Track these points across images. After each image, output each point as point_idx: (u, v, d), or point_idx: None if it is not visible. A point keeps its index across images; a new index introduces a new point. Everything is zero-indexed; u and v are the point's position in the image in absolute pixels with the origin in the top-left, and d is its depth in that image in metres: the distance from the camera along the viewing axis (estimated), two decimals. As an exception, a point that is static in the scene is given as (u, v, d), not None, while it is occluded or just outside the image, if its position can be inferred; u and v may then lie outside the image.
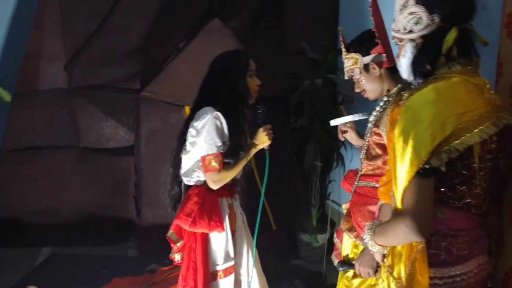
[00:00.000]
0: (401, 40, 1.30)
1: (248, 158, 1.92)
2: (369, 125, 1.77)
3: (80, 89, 3.63)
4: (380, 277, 1.36)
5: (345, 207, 1.93)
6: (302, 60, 3.39)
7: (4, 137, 3.48)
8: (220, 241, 1.92)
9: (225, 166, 1.85)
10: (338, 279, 1.89)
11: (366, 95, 1.78)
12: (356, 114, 1.89)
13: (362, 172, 1.80)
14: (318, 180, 3.37)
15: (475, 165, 1.18)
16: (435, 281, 1.21)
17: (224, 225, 1.92)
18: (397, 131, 1.19)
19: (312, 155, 3.16)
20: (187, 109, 3.33)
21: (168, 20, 3.62)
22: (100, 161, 3.60)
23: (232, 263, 1.95)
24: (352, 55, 1.73)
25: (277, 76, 3.32)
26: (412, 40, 1.27)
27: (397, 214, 1.20)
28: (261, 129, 1.90)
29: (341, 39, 1.82)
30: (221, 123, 1.85)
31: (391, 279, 1.27)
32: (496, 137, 1.21)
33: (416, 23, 1.25)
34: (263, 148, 1.96)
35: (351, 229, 1.81)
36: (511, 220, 1.31)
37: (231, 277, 1.95)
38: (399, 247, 1.25)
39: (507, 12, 1.35)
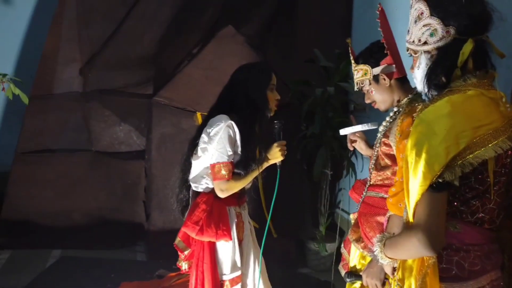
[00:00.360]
0: (415, 52, 1.29)
1: (259, 171, 1.91)
2: (379, 135, 1.77)
3: (94, 93, 3.67)
4: (390, 291, 1.35)
5: (353, 217, 1.92)
6: (313, 68, 3.39)
7: (19, 139, 3.53)
8: (227, 251, 1.91)
9: (234, 176, 1.85)
10: (346, 290, 1.87)
11: (376, 106, 1.77)
12: (366, 124, 1.89)
13: (371, 182, 1.79)
14: (328, 188, 3.35)
15: (489, 179, 1.16)
16: (447, 297, 1.19)
17: (232, 234, 1.90)
18: (410, 143, 1.18)
19: (322, 163, 3.15)
20: (199, 115, 3.36)
21: (181, 26, 3.66)
22: (111, 165, 3.63)
23: (239, 273, 1.94)
24: (362, 66, 1.73)
25: (288, 84, 3.32)
26: (427, 52, 1.26)
27: (409, 227, 1.19)
28: (275, 144, 1.90)
29: (350, 51, 1.82)
30: (234, 132, 1.85)
31: (401, 293, 1.25)
32: (511, 151, 1.19)
33: (431, 35, 1.24)
34: (274, 163, 1.95)
35: (358, 240, 1.80)
36: (526, 236, 1.28)
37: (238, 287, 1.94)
38: (410, 261, 1.24)
39: (524, 25, 1.33)
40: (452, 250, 1.20)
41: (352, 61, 1.77)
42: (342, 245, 2.02)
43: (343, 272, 1.93)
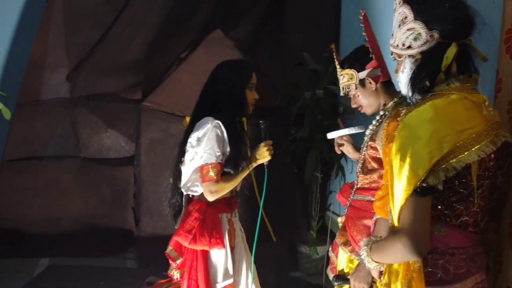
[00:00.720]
0: (400, 56, 1.30)
1: (248, 171, 1.90)
2: (366, 138, 1.77)
3: (82, 99, 3.64)
4: (377, 295, 1.34)
5: (340, 220, 1.93)
6: (303, 71, 3.40)
7: (6, 147, 3.49)
8: (219, 258, 1.89)
9: (223, 176, 1.83)
10: (334, 293, 1.87)
11: (363, 111, 1.78)
12: (353, 128, 1.89)
13: (358, 186, 1.79)
14: (318, 191, 3.36)
15: (472, 183, 1.17)
16: (433, 300, 1.19)
17: (225, 241, 1.89)
18: (394, 148, 1.18)
19: (312, 166, 3.15)
20: (188, 120, 3.35)
21: (170, 30, 3.64)
22: (100, 171, 3.60)
23: (231, 280, 1.92)
24: (347, 71, 1.74)
25: (277, 87, 3.32)
26: (411, 56, 1.26)
27: (394, 232, 1.19)
28: (262, 144, 1.89)
29: (334, 57, 1.83)
30: (222, 132, 1.83)
31: (388, 297, 1.25)
32: (494, 155, 1.19)
33: (415, 39, 1.24)
34: (262, 163, 1.94)
35: (346, 243, 1.80)
36: (510, 237, 1.29)
37: None
38: (396, 265, 1.24)
39: (505, 29, 1.35)
40: (437, 253, 1.20)
41: (338, 66, 1.78)
42: (330, 248, 2.03)
43: (331, 276, 1.93)
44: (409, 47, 1.25)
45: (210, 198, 1.83)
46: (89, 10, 3.59)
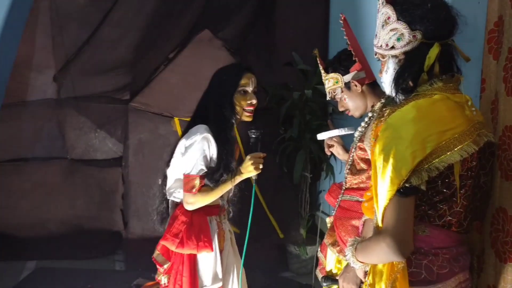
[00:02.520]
0: (383, 56, 1.30)
1: (231, 185, 1.78)
2: (354, 140, 1.77)
3: (69, 100, 3.60)
4: (362, 296, 1.34)
5: (329, 220, 1.92)
6: (292, 71, 3.40)
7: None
8: (208, 262, 1.85)
9: (204, 188, 1.77)
10: (322, 294, 1.87)
11: (350, 114, 1.79)
12: (342, 129, 1.89)
13: (347, 186, 1.79)
14: (307, 191, 3.36)
15: (455, 183, 1.17)
16: (416, 300, 1.19)
17: (213, 245, 1.85)
18: (378, 148, 1.18)
19: (301, 166, 3.15)
20: (176, 120, 3.33)
21: (158, 31, 3.62)
22: (88, 173, 3.57)
23: (220, 284, 1.89)
24: (332, 75, 1.74)
25: (266, 87, 3.31)
26: (394, 56, 1.26)
27: (378, 232, 1.19)
28: (248, 157, 1.76)
29: (318, 61, 1.83)
30: (209, 145, 1.76)
31: (372, 298, 1.25)
32: (476, 154, 1.20)
33: (398, 40, 1.24)
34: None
35: (334, 244, 1.80)
36: (491, 236, 1.29)
37: None
38: (380, 266, 1.24)
39: (488, 29, 1.36)
40: (420, 254, 1.20)
41: (322, 71, 1.78)
42: (319, 249, 2.02)
43: (320, 277, 1.92)
44: (392, 47, 1.25)
45: (188, 208, 1.78)
46: (75, 11, 3.55)
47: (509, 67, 1.21)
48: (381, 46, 1.28)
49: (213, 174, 1.77)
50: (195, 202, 1.76)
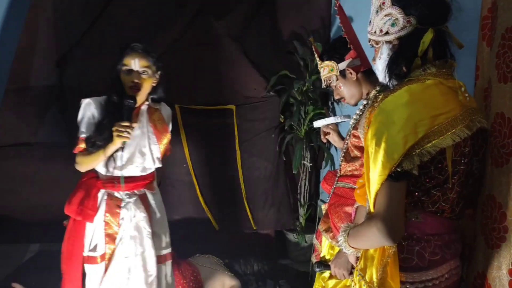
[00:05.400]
0: (377, 42, 1.29)
1: (106, 153, 1.84)
2: (349, 127, 1.77)
3: (72, 85, 3.60)
4: (353, 280, 1.36)
5: (324, 208, 1.94)
6: (293, 60, 3.38)
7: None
8: (88, 230, 1.98)
9: (83, 151, 1.91)
10: (315, 279, 1.89)
11: (346, 101, 1.79)
12: (338, 116, 1.91)
13: (341, 173, 1.80)
14: (307, 180, 3.37)
15: (448, 168, 1.17)
16: (407, 286, 1.21)
17: (95, 216, 1.95)
18: (370, 133, 1.18)
19: (300, 154, 3.16)
20: (177, 107, 3.33)
21: (161, 17, 3.60)
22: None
23: (94, 254, 1.97)
24: (327, 63, 1.74)
25: (267, 75, 3.31)
26: (388, 42, 1.26)
27: (369, 217, 1.20)
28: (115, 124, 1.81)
29: (313, 49, 1.83)
30: (90, 110, 1.93)
31: (362, 282, 1.26)
32: (470, 140, 1.20)
33: (393, 25, 1.24)
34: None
35: (328, 230, 1.81)
36: (481, 223, 1.30)
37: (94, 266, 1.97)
38: (372, 251, 1.25)
39: (482, 15, 1.35)
40: (413, 240, 1.21)
41: (317, 59, 1.79)
42: (314, 236, 2.04)
43: (314, 262, 1.95)
44: (387, 33, 1.25)
45: (76, 167, 1.95)
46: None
47: (502, 53, 1.21)
48: (375, 32, 1.28)
49: (90, 139, 1.89)
50: (78, 162, 1.93)
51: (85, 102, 1.96)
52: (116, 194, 1.99)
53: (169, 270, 2.16)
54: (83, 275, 2.01)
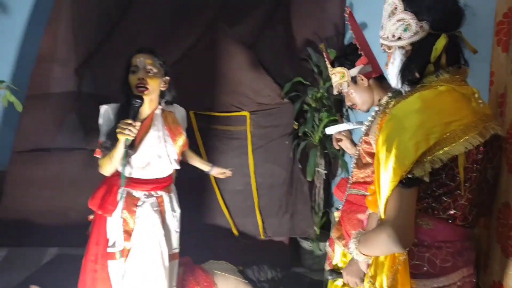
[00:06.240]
0: (389, 47, 1.29)
1: (116, 150, 1.89)
2: (361, 134, 1.76)
3: (90, 92, 3.68)
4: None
5: (337, 215, 1.93)
6: (307, 67, 3.39)
7: (15, 138, 3.55)
8: (110, 225, 2.07)
9: (102, 155, 2.01)
10: (327, 287, 1.87)
11: (358, 108, 1.78)
12: (351, 123, 1.90)
13: (353, 180, 1.79)
14: (322, 187, 3.35)
15: (460, 175, 1.15)
16: (418, 293, 1.19)
17: (115, 212, 2.02)
18: (381, 139, 1.18)
19: (314, 161, 3.14)
20: (191, 114, 3.37)
21: (176, 26, 3.66)
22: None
23: (114, 249, 2.04)
24: (338, 69, 1.74)
25: (281, 82, 3.32)
26: (401, 47, 1.25)
27: (379, 224, 1.19)
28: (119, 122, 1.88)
29: (325, 56, 1.83)
30: (108, 116, 2.04)
31: (373, 289, 1.25)
32: (483, 148, 1.18)
33: (405, 30, 1.23)
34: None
35: (340, 238, 1.80)
36: (497, 232, 1.27)
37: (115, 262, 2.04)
38: (382, 258, 1.24)
39: (497, 21, 1.33)
40: (423, 246, 1.20)
41: (328, 65, 1.79)
42: (327, 243, 2.03)
43: (327, 270, 1.93)
44: (399, 38, 1.24)
45: (99, 170, 2.04)
46: (96, 5, 3.63)
47: (518, 59, 1.19)
48: (387, 37, 1.28)
49: (104, 142, 2.00)
50: (99, 165, 2.02)
51: (103, 108, 2.06)
52: (134, 193, 2.07)
53: (176, 268, 2.26)
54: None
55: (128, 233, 2.06)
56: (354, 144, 1.95)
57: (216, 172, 2.45)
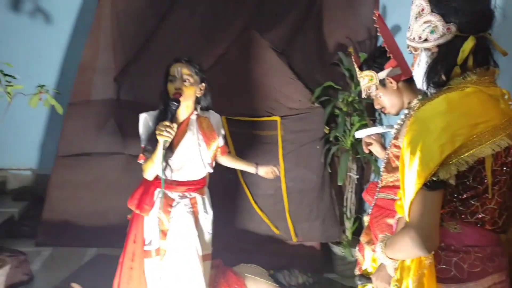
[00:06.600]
0: (416, 49, 1.28)
1: (156, 152, 1.98)
2: (391, 137, 1.75)
3: (128, 99, 3.82)
4: (390, 292, 1.33)
5: (366, 219, 1.91)
6: (339, 71, 3.38)
7: (59, 143, 3.75)
8: (147, 224, 2.17)
9: (145, 159, 2.10)
10: (357, 293, 1.86)
11: (387, 111, 1.77)
12: (381, 126, 1.89)
13: (382, 184, 1.77)
14: (354, 192, 3.31)
15: (487, 179, 1.13)
16: (445, 297, 1.17)
17: (152, 211, 2.12)
18: (405, 141, 1.17)
19: (345, 166, 3.12)
20: (224, 119, 3.42)
21: (211, 34, 3.75)
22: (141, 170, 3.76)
23: (150, 248, 2.14)
24: (366, 73, 1.74)
25: (311, 87, 3.32)
26: (427, 49, 1.24)
27: (404, 227, 1.18)
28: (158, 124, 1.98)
29: (353, 59, 1.83)
30: (147, 123, 2.13)
31: (399, 294, 1.24)
32: (513, 150, 1.15)
33: (432, 32, 1.22)
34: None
35: (369, 242, 1.78)
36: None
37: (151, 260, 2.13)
38: (408, 262, 1.23)
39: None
40: (450, 251, 1.18)
41: (357, 69, 1.79)
42: (357, 248, 2.01)
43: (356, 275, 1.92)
44: (426, 40, 1.23)
45: (143, 175, 2.13)
46: (134, 15, 3.78)
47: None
48: (414, 38, 1.27)
49: (146, 147, 2.10)
50: (143, 169, 2.11)
51: (142, 116, 2.17)
52: (169, 194, 2.17)
53: (208, 269, 2.32)
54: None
55: (163, 233, 2.15)
56: (384, 148, 1.93)
57: (263, 171, 2.44)
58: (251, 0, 3.77)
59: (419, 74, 1.28)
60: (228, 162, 2.48)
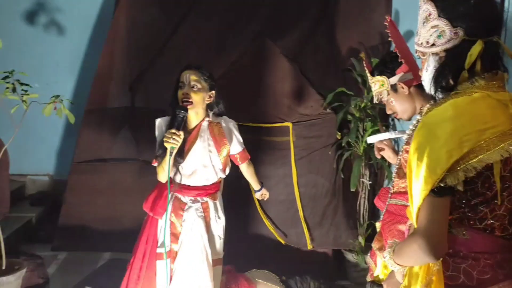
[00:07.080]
0: (423, 54, 1.28)
1: (166, 158, 2.05)
2: (402, 143, 1.74)
3: (142, 106, 3.88)
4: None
5: (378, 225, 1.89)
6: (351, 77, 3.37)
7: (75, 150, 3.83)
8: (160, 226, 2.23)
9: (158, 163, 2.17)
10: (368, 299, 1.84)
11: (398, 117, 1.76)
12: (393, 132, 1.88)
13: (394, 190, 1.76)
14: (367, 198, 3.29)
15: (496, 185, 1.11)
16: (453, 304, 1.15)
17: (164, 214, 2.17)
18: (412, 147, 1.17)
19: (358, 172, 3.10)
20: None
21: (224, 42, 3.79)
22: (156, 173, 3.80)
23: (161, 250, 2.17)
24: (378, 78, 1.73)
25: (323, 93, 3.32)
26: (435, 54, 1.24)
27: (411, 233, 1.17)
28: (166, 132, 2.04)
29: (364, 65, 1.83)
30: (161, 128, 2.21)
31: (407, 300, 1.23)
32: (523, 156, 1.13)
33: (439, 37, 1.22)
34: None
35: (381, 249, 1.77)
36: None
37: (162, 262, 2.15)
38: (416, 268, 1.22)
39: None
40: (459, 257, 1.16)
41: (368, 74, 1.79)
42: (369, 255, 2.00)
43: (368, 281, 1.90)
44: (433, 44, 1.23)
45: (158, 179, 2.22)
46: (148, 24, 3.85)
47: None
48: (421, 43, 1.27)
49: (157, 151, 2.17)
50: (157, 172, 2.21)
51: (157, 122, 2.26)
52: (182, 198, 2.23)
53: (219, 274, 2.34)
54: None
55: (175, 236, 2.20)
56: (396, 153, 1.92)
57: (260, 194, 2.59)
58: (264, 7, 3.80)
59: (427, 79, 1.27)
60: (244, 171, 2.53)
